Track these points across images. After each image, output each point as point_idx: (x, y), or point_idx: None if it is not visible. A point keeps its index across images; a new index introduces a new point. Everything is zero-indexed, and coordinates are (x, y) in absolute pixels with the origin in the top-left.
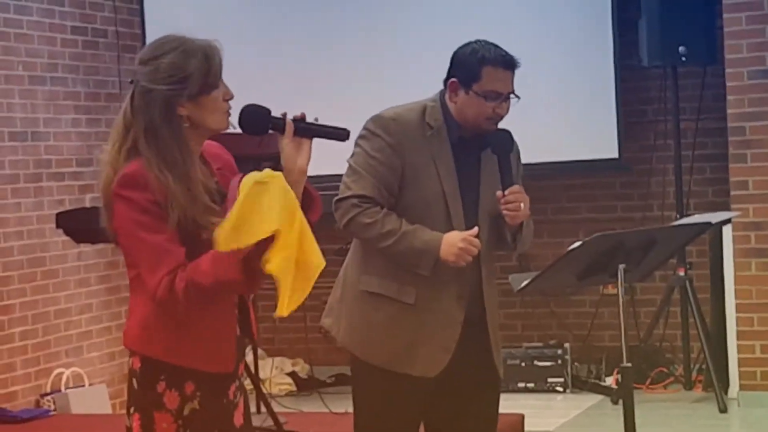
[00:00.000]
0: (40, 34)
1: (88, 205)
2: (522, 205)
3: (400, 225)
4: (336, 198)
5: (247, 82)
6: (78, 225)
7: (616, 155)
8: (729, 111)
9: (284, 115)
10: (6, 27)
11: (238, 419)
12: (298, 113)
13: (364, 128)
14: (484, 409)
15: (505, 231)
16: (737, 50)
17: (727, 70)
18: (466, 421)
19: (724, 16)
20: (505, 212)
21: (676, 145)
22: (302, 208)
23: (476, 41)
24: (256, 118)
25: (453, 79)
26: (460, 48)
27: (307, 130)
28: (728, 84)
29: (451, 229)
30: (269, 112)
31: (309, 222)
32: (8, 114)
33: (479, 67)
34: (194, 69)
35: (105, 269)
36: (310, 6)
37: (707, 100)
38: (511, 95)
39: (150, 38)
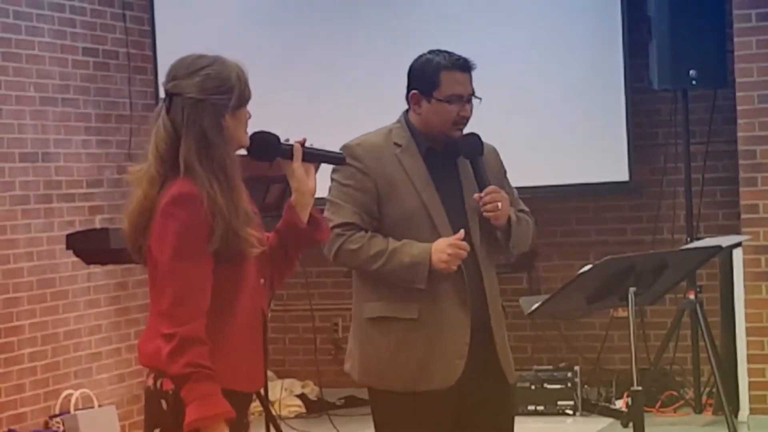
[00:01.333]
0: (51, 55)
1: (98, 226)
2: (500, 204)
3: (387, 245)
4: None
5: (254, 108)
6: (88, 246)
7: (626, 178)
8: (739, 134)
9: (287, 140)
10: (18, 48)
11: None
12: (300, 138)
13: None
14: (497, 414)
15: (496, 233)
16: (748, 73)
17: (738, 94)
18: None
19: (735, 39)
20: (485, 214)
21: (687, 168)
22: (309, 229)
23: (429, 51)
24: (266, 145)
25: (414, 92)
26: (415, 60)
27: (312, 155)
28: (739, 107)
29: (439, 237)
30: (278, 139)
31: (319, 242)
32: (19, 135)
33: (436, 74)
34: (235, 80)
35: (115, 290)
36: (320, 35)
37: (717, 123)
38: (473, 97)
39: (161, 60)
